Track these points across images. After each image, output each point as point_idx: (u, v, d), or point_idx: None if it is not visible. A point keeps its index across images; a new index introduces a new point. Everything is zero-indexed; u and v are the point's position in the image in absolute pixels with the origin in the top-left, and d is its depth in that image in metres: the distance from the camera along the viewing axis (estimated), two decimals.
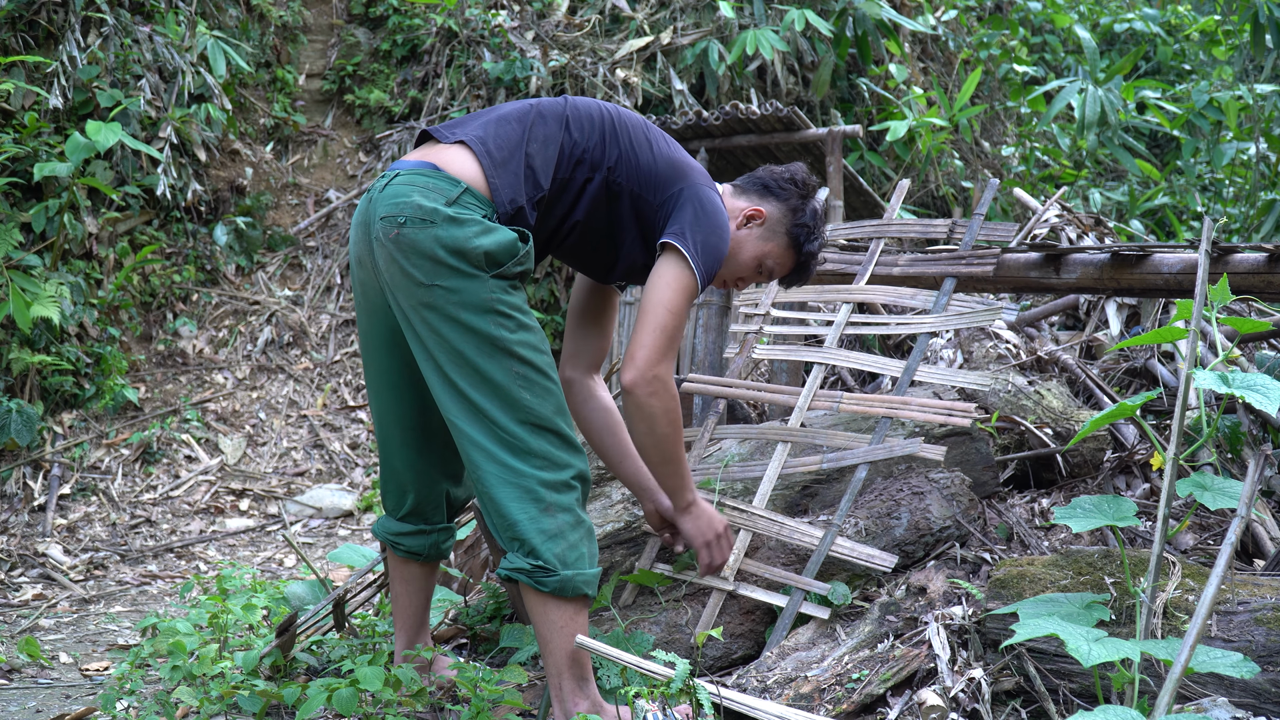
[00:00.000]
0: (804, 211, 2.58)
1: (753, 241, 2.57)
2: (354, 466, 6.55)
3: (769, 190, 2.59)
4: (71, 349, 6.05)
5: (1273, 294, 3.08)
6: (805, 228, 2.57)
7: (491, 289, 2.23)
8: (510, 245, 2.24)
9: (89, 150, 5.57)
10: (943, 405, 2.87)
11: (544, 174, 2.34)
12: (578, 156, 2.38)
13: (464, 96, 8.17)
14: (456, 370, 2.24)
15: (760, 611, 2.74)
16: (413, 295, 2.24)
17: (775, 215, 2.57)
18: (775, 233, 2.57)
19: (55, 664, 3.61)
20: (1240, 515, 1.99)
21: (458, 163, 2.30)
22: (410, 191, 2.24)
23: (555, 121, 2.39)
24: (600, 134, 2.41)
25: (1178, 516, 3.00)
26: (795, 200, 2.58)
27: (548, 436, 2.26)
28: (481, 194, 2.28)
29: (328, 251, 7.79)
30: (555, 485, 2.25)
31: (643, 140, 2.45)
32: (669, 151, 2.47)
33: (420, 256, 2.21)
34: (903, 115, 8.63)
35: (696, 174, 2.47)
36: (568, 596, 2.26)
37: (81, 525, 5.58)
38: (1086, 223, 5.12)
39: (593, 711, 2.27)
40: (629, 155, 2.41)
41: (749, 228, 2.57)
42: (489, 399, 2.24)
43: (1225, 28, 10.83)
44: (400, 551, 2.61)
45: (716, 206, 2.43)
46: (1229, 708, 2.01)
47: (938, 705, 2.24)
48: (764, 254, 2.58)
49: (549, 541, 2.23)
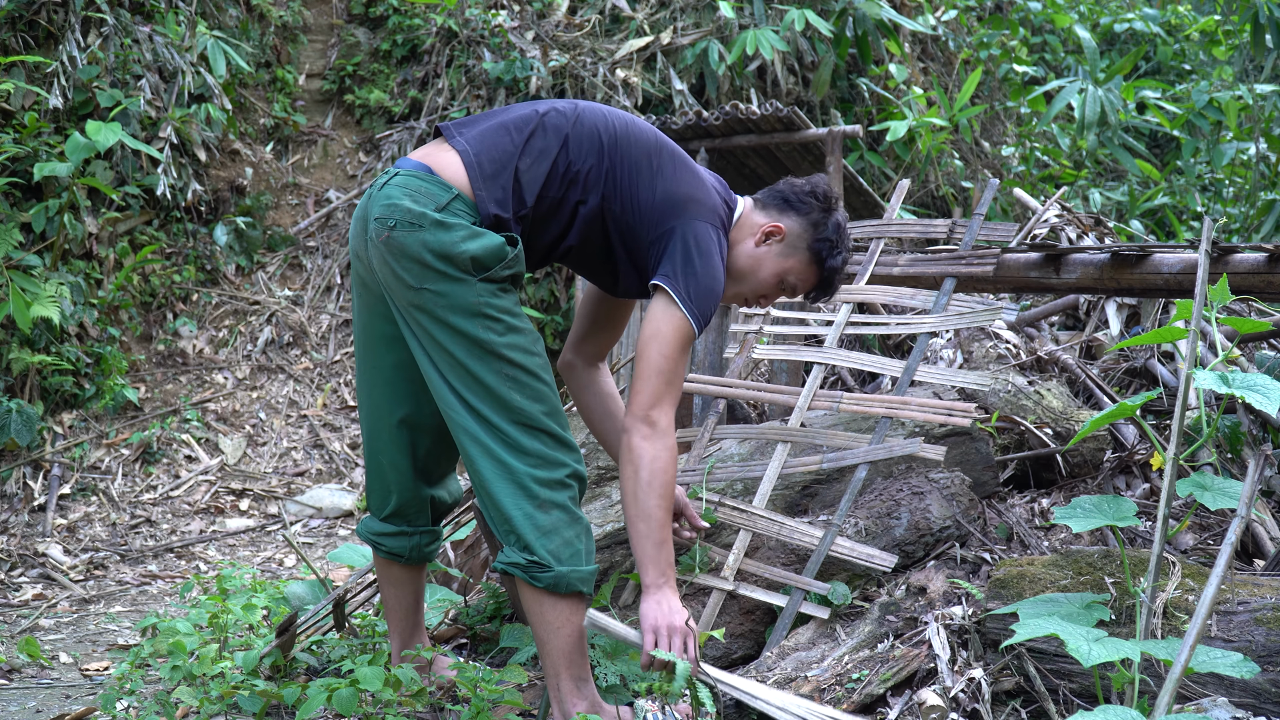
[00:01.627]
0: (825, 226, 2.50)
1: (772, 258, 2.49)
2: (354, 466, 6.55)
3: (789, 205, 2.52)
4: (71, 349, 6.05)
5: (1273, 294, 3.08)
6: (828, 242, 2.50)
7: (479, 293, 2.25)
8: (497, 250, 2.25)
9: (89, 150, 5.57)
10: (943, 405, 2.88)
11: (530, 191, 2.33)
12: (570, 177, 2.35)
13: (464, 96, 8.17)
14: (449, 370, 2.27)
15: (760, 611, 2.74)
16: (404, 297, 2.27)
17: (796, 230, 2.50)
18: (796, 248, 2.50)
19: (55, 664, 3.61)
20: (1240, 515, 1.99)
21: (452, 168, 2.31)
22: (402, 195, 2.26)
23: (555, 136, 2.36)
24: (599, 157, 2.36)
25: (1178, 516, 3.00)
26: (817, 214, 2.50)
27: (540, 436, 2.28)
28: (470, 200, 2.29)
29: (328, 251, 7.79)
30: (549, 483, 2.26)
31: (645, 170, 2.38)
32: (669, 186, 2.38)
33: (409, 260, 2.24)
34: (903, 115, 8.63)
35: (695, 207, 2.38)
36: (562, 593, 2.26)
37: (81, 525, 5.58)
38: (1086, 223, 5.12)
39: (592, 711, 2.27)
40: (626, 186, 2.36)
41: (768, 244, 2.49)
42: (481, 400, 2.26)
43: (1225, 28, 10.83)
44: (382, 552, 2.62)
45: (709, 245, 2.35)
46: (1229, 708, 2.01)
47: (938, 705, 2.24)
48: (785, 270, 2.51)
49: (543, 537, 2.24)
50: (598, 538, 3.01)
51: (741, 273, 2.50)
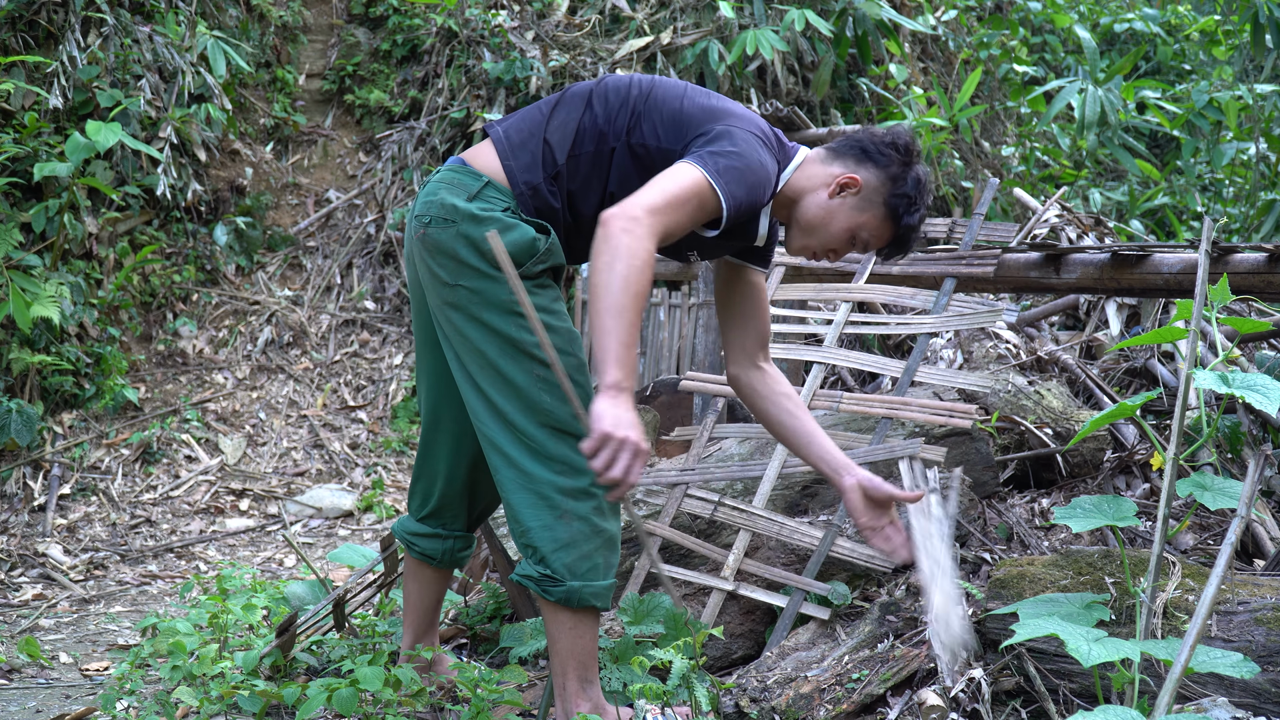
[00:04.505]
0: (905, 180, 2.32)
1: (846, 211, 2.31)
2: (354, 466, 6.55)
3: (867, 155, 2.33)
4: (71, 349, 6.05)
5: (1273, 294, 3.08)
6: (906, 198, 2.31)
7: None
8: (529, 244, 2.20)
9: (89, 150, 5.57)
10: (943, 406, 2.88)
11: (560, 150, 2.26)
12: (600, 128, 2.26)
13: (464, 96, 8.17)
14: (479, 371, 2.23)
15: (760, 611, 2.74)
16: (439, 295, 2.24)
17: (873, 183, 2.31)
18: (872, 202, 2.31)
19: (55, 664, 3.61)
20: (1240, 515, 1.99)
21: (482, 156, 2.30)
22: (438, 189, 2.25)
23: (580, 99, 2.31)
24: (625, 99, 2.28)
25: (1178, 516, 3.00)
26: (896, 168, 2.32)
27: (568, 440, 2.21)
28: (502, 185, 2.25)
29: (328, 251, 7.79)
30: (572, 492, 2.21)
31: (675, 94, 2.28)
32: (708, 101, 2.27)
33: (444, 256, 2.21)
34: (903, 115, 8.63)
35: (737, 118, 2.23)
36: (574, 607, 2.23)
37: (81, 525, 5.58)
38: (1086, 223, 5.12)
39: (594, 712, 2.27)
40: (654, 110, 2.25)
41: (842, 196, 2.31)
42: (510, 401, 2.21)
43: (1225, 28, 10.83)
44: (415, 553, 2.60)
45: (748, 141, 2.18)
46: (1229, 708, 2.01)
47: (938, 705, 2.24)
48: (859, 225, 2.33)
49: (560, 550, 2.20)
50: None
51: (812, 224, 2.33)
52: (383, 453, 6.71)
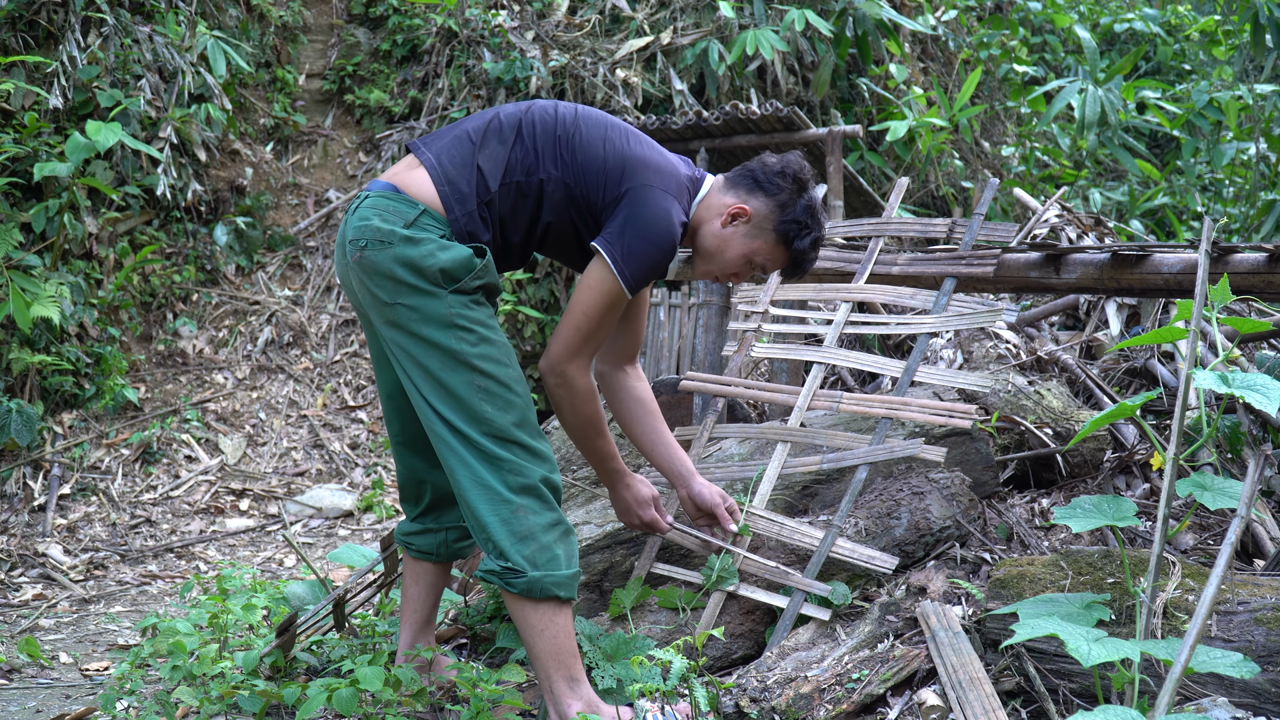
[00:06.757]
0: (793, 207, 2.47)
1: (739, 239, 2.48)
2: (354, 466, 6.55)
3: (758, 184, 2.48)
4: (71, 349, 6.05)
5: (1273, 294, 3.08)
6: (797, 224, 2.46)
7: (450, 304, 2.28)
8: (466, 261, 2.29)
9: (89, 150, 5.57)
10: (943, 406, 2.87)
11: (493, 178, 2.37)
12: (529, 162, 2.38)
13: (464, 96, 8.17)
14: (424, 383, 2.31)
15: (760, 611, 2.74)
16: (380, 314, 2.33)
17: (763, 211, 2.47)
18: (763, 229, 2.47)
19: (55, 664, 3.61)
20: (1240, 515, 1.99)
21: (417, 184, 2.36)
22: (371, 215, 2.32)
23: (510, 130, 2.41)
24: (552, 137, 2.40)
25: (1178, 516, 3.00)
26: (785, 195, 2.47)
27: (511, 448, 2.30)
28: (438, 214, 2.33)
29: (328, 251, 7.78)
30: (523, 489, 2.29)
31: (597, 139, 2.40)
32: (624, 148, 2.40)
33: (382, 276, 2.29)
34: (903, 115, 8.64)
35: (646, 171, 2.39)
36: (538, 598, 2.28)
37: (81, 525, 5.58)
38: (1086, 223, 5.12)
39: (588, 710, 2.27)
40: (579, 151, 2.39)
41: (734, 225, 2.47)
42: (453, 411, 2.29)
43: (1225, 28, 10.83)
44: (413, 552, 2.66)
45: (655, 211, 2.35)
46: (1229, 708, 2.01)
47: (938, 705, 2.24)
48: (753, 251, 2.49)
49: (519, 543, 2.26)
50: (597, 538, 3.01)
51: (709, 252, 2.51)
52: (382, 452, 6.71)
